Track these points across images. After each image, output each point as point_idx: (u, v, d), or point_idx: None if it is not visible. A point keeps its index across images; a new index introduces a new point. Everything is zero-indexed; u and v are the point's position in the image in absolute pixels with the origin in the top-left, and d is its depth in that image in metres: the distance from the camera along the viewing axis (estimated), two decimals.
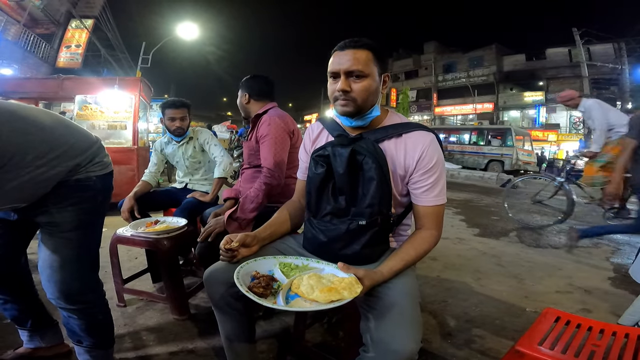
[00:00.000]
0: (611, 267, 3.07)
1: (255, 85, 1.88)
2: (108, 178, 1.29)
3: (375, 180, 1.01)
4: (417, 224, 1.13)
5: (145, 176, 2.43)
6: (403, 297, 0.93)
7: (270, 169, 1.66)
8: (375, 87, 1.07)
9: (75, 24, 15.77)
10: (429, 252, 1.08)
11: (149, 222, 1.95)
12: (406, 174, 1.10)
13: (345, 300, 0.82)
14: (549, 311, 1.19)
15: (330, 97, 1.10)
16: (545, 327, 1.09)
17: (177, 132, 2.36)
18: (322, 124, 1.25)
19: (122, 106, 4.82)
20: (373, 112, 1.11)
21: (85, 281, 1.25)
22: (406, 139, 1.10)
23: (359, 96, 1.04)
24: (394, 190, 1.10)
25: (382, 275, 0.96)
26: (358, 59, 1.02)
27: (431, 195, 1.08)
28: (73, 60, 15.53)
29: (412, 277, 1.04)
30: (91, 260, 1.27)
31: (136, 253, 2.77)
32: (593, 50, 19.06)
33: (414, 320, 0.89)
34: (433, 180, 1.08)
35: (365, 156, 1.03)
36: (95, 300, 1.29)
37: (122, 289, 1.97)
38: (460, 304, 2.18)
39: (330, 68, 1.07)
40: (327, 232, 1.08)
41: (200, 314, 1.91)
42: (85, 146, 1.21)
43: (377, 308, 0.92)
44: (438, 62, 29.21)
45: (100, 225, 1.31)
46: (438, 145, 1.10)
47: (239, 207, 1.56)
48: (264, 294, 0.87)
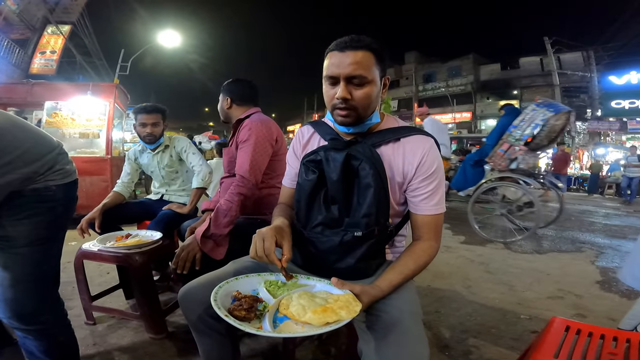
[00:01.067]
0: (597, 271, 3.09)
1: (238, 89, 1.77)
2: (71, 188, 1.16)
3: (372, 187, 0.92)
4: (414, 234, 1.03)
5: (117, 187, 2.26)
6: (405, 314, 0.83)
7: (243, 176, 1.52)
8: (377, 93, 0.97)
9: (51, 30, 15.26)
10: (428, 265, 0.99)
11: (119, 236, 1.79)
12: (404, 181, 1.01)
13: (343, 321, 0.72)
14: (555, 320, 1.12)
15: (328, 104, 0.99)
16: (556, 337, 1.02)
17: (148, 138, 2.20)
18: (314, 127, 1.15)
19: (95, 113, 4.60)
20: (373, 119, 1.01)
21: (42, 300, 1.12)
22: (404, 143, 1.00)
23: (360, 104, 0.94)
24: (391, 199, 1.00)
25: (381, 290, 0.86)
26: (360, 63, 0.91)
27: (431, 204, 0.99)
28: (47, 66, 15.01)
29: (412, 291, 0.95)
30: (49, 277, 1.14)
31: (108, 268, 2.58)
32: (563, 58, 19.83)
33: (420, 340, 0.79)
34: (433, 187, 0.99)
35: (362, 161, 0.93)
36: (55, 321, 1.16)
37: (90, 307, 1.81)
38: (454, 313, 2.11)
39: (328, 72, 0.94)
40: (319, 245, 0.97)
41: (179, 332, 1.76)
42: (44, 151, 1.07)
43: (376, 328, 0.82)
44: (419, 72, 29.77)
45: (60, 239, 1.17)
46: (438, 151, 1.02)
47: (212, 223, 1.41)
48: (247, 318, 0.76)
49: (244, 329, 0.70)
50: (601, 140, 16.92)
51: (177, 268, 1.36)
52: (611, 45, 16.99)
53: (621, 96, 16.88)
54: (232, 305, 0.78)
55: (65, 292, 2.17)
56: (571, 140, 19.26)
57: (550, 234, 4.66)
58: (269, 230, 0.90)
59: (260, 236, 0.89)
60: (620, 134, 17.55)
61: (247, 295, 0.82)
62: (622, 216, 6.85)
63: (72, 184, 1.16)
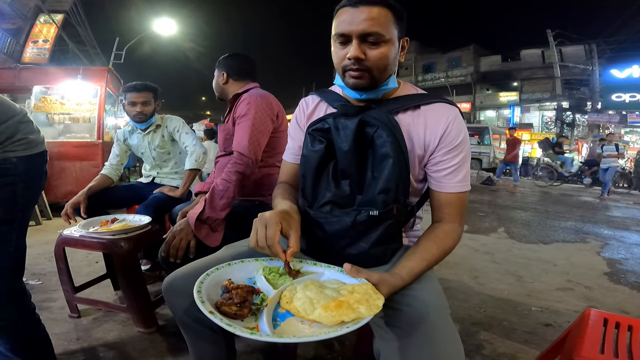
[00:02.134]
0: (604, 263, 3.02)
1: (235, 63, 1.63)
2: (35, 160, 1.01)
3: (391, 158, 0.78)
4: (435, 215, 0.90)
5: (105, 169, 2.12)
6: (432, 308, 0.70)
7: (242, 153, 1.37)
8: (395, 55, 0.83)
9: (43, 19, 15.00)
10: (452, 251, 0.85)
11: (104, 221, 1.64)
12: (425, 154, 0.87)
13: (362, 320, 0.58)
14: (590, 312, 1.02)
15: (337, 66, 0.85)
16: (596, 331, 0.93)
17: (138, 117, 2.05)
18: (319, 96, 1.00)
19: (86, 97, 4.41)
20: (389, 84, 0.87)
21: (3, 292, 0.97)
22: (426, 111, 0.87)
23: (375, 66, 0.80)
24: (410, 174, 0.87)
25: (402, 279, 0.73)
26: (376, 19, 0.77)
27: (455, 180, 0.86)
28: (40, 55, 14.79)
29: (436, 281, 0.82)
30: (8, 267, 0.98)
31: (97, 257, 2.44)
32: (565, 51, 19.65)
33: (452, 338, 0.67)
34: (459, 161, 0.86)
35: (378, 128, 0.79)
36: (20, 316, 1.02)
37: (73, 298, 1.67)
38: (463, 305, 2.01)
39: (339, 29, 0.81)
40: (327, 226, 0.84)
41: (171, 326, 1.63)
42: (1, 118, 0.92)
43: (399, 325, 0.70)
44: (418, 62, 29.47)
45: (20, 222, 1.01)
46: (463, 121, 0.88)
47: (207, 205, 1.26)
48: (238, 315, 0.61)
49: (233, 330, 0.55)
50: (600, 132, 16.82)
51: (167, 256, 1.20)
52: (614, 39, 16.82)
53: (622, 89, 16.80)
54: (221, 299, 0.63)
55: (50, 284, 2.05)
56: (570, 131, 19.23)
57: (553, 224, 4.60)
58: (273, 216, 0.75)
59: (262, 222, 0.74)
60: (619, 127, 17.49)
61: (240, 285, 0.66)
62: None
63: (37, 156, 1.01)
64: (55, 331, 1.55)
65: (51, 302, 1.83)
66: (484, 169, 13.12)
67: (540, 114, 23.37)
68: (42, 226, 3.50)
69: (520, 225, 4.46)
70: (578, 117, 19.94)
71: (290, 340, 0.56)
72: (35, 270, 2.24)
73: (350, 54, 0.79)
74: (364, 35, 0.78)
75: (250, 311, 0.62)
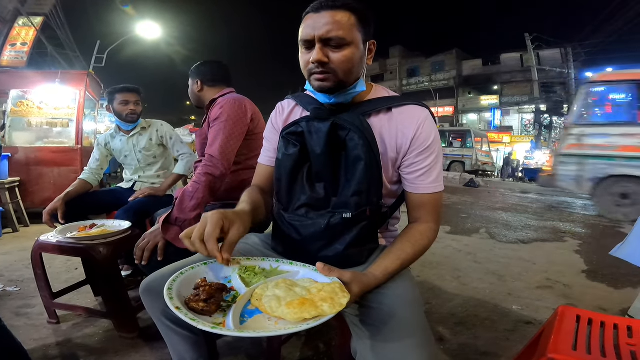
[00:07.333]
0: (582, 261, 3.10)
1: (208, 70, 1.66)
2: None
3: (362, 160, 0.79)
4: (411, 216, 0.92)
5: (84, 174, 2.08)
6: (406, 306, 0.72)
7: (212, 155, 1.37)
8: (360, 57, 0.84)
9: (22, 22, 14.58)
10: (427, 250, 0.87)
11: (82, 227, 1.61)
12: (398, 156, 0.89)
13: (324, 317, 0.59)
14: (564, 309, 1.05)
15: (304, 71, 0.86)
16: (569, 328, 0.95)
17: (131, 117, 2.07)
18: (295, 100, 1.01)
19: (64, 102, 4.30)
20: (357, 87, 0.88)
21: None
22: (397, 114, 0.89)
23: (339, 69, 0.81)
24: (384, 177, 0.88)
25: (375, 278, 0.75)
26: (337, 23, 0.79)
27: (428, 181, 0.88)
28: (18, 59, 14.33)
29: (410, 279, 0.84)
30: None
31: (76, 263, 2.39)
32: (542, 55, 20.29)
33: (424, 335, 0.68)
34: (430, 162, 0.88)
35: (350, 131, 0.80)
36: None
37: (52, 304, 1.65)
38: (446, 304, 2.04)
39: (302, 35, 0.82)
40: (302, 229, 0.85)
41: (154, 330, 1.60)
42: None
43: (372, 323, 0.71)
44: (403, 67, 29.93)
45: None
46: (434, 122, 0.91)
47: (176, 207, 1.25)
48: (206, 311, 0.61)
49: (196, 324, 0.55)
50: None
51: (137, 259, 1.19)
52: (588, 43, 17.46)
53: None
54: (190, 296, 0.64)
55: (28, 290, 2.00)
56: (548, 134, 19.75)
57: (533, 223, 4.71)
58: (216, 214, 0.71)
59: (204, 220, 0.71)
60: None
61: (210, 283, 0.67)
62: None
63: None
64: (34, 337, 1.52)
65: (29, 308, 1.79)
66: (467, 172, 13.36)
67: (519, 116, 24.00)
68: (20, 233, 3.40)
69: (502, 225, 4.56)
70: (555, 119, 20.52)
71: (250, 335, 0.57)
72: (13, 277, 2.19)
73: (312, 57, 0.80)
74: (326, 39, 0.79)
75: (219, 308, 0.63)
